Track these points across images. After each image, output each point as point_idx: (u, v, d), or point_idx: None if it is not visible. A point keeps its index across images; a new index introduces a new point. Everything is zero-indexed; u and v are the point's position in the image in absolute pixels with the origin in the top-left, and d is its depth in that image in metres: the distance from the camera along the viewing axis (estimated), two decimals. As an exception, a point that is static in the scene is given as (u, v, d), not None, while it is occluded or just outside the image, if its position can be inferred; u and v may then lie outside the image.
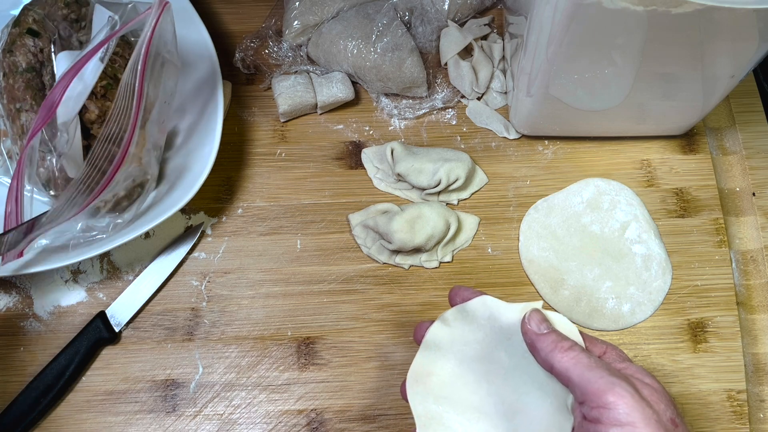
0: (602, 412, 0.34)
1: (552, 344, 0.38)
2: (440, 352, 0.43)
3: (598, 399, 0.34)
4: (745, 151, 0.63)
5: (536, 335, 0.39)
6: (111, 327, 0.56)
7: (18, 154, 0.54)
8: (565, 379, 0.37)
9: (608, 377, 0.35)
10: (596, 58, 0.49)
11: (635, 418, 0.34)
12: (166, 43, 0.51)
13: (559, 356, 0.37)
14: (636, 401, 0.34)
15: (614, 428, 0.34)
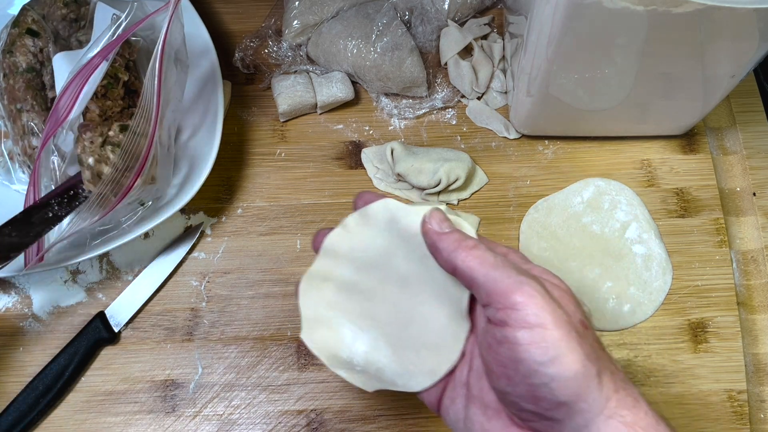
0: (509, 314, 0.31)
1: (455, 243, 0.34)
2: (338, 259, 0.41)
3: (505, 300, 0.31)
4: (746, 150, 0.62)
5: (438, 234, 0.35)
6: (110, 327, 0.56)
7: (19, 155, 0.54)
8: (468, 280, 0.33)
9: (516, 276, 0.32)
10: (596, 58, 0.49)
11: (545, 319, 0.31)
12: (176, 42, 0.51)
13: (462, 255, 0.33)
14: (546, 302, 0.31)
15: (522, 331, 0.31)
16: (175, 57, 0.52)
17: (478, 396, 0.36)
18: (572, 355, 0.30)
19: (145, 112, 0.49)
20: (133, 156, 0.50)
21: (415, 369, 0.39)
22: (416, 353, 0.39)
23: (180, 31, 0.51)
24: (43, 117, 0.52)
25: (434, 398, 0.38)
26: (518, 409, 0.33)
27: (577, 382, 0.30)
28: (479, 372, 0.36)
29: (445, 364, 0.38)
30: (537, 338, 0.30)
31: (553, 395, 0.30)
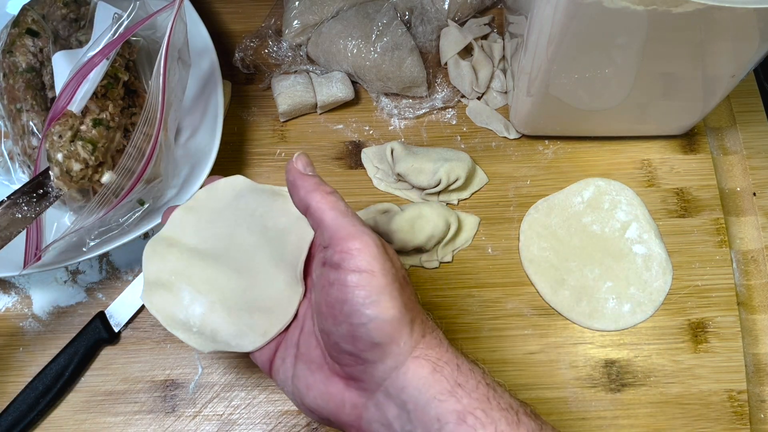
0: (345, 257, 0.34)
1: (315, 185, 0.37)
2: (184, 228, 0.44)
3: (344, 244, 0.35)
4: (746, 150, 0.62)
5: (300, 174, 0.38)
6: (110, 327, 0.56)
7: (19, 155, 0.54)
8: (317, 220, 0.37)
9: (359, 226, 0.36)
10: (596, 58, 0.49)
11: (374, 267, 0.34)
12: (179, 41, 0.51)
13: (318, 197, 0.37)
14: (379, 252, 0.35)
15: (353, 274, 0.34)
16: (178, 56, 0.52)
17: (306, 353, 0.39)
18: (392, 301, 0.34)
19: (149, 114, 0.49)
20: (137, 157, 0.50)
21: (248, 330, 0.41)
22: (250, 315, 0.41)
23: (183, 31, 0.51)
24: (43, 117, 0.52)
25: (266, 358, 0.41)
26: (338, 351, 0.36)
27: (392, 326, 0.34)
28: (309, 332, 0.40)
29: (276, 325, 0.41)
30: (364, 282, 0.34)
31: (370, 336, 0.34)
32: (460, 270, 0.59)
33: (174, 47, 0.50)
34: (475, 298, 0.58)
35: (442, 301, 0.58)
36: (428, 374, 0.34)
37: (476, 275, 0.59)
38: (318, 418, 0.39)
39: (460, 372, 0.35)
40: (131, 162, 0.50)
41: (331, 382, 0.37)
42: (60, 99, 0.48)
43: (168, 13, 0.49)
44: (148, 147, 0.50)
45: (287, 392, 0.40)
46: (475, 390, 0.35)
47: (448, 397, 0.34)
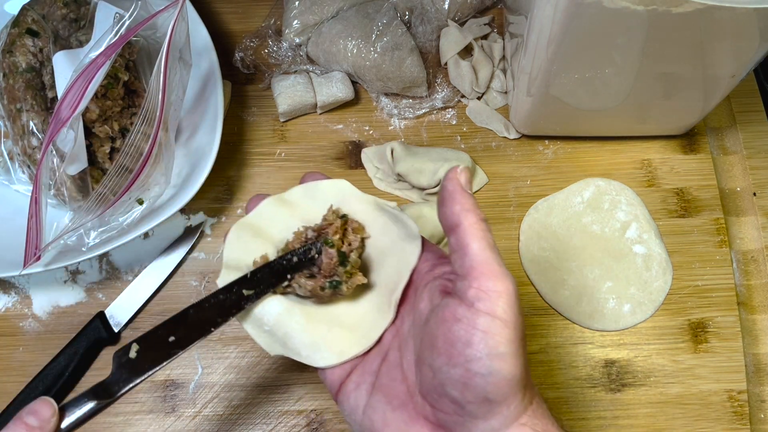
0: (481, 297, 0.31)
1: (472, 206, 0.34)
2: (274, 220, 0.41)
3: (485, 282, 0.31)
4: (746, 150, 0.62)
5: (461, 188, 0.35)
6: (110, 327, 0.56)
7: (19, 155, 0.54)
8: (462, 245, 0.33)
9: (503, 267, 0.33)
10: (596, 58, 0.49)
11: (510, 317, 0.31)
12: (181, 41, 0.51)
13: (473, 219, 0.33)
14: (517, 302, 0.32)
15: (486, 317, 0.31)
16: (180, 56, 0.52)
17: (387, 386, 0.36)
18: (517, 359, 0.31)
19: (148, 113, 0.49)
20: (135, 156, 0.50)
21: (323, 344, 0.38)
22: (329, 329, 0.38)
23: (184, 30, 0.51)
24: (43, 117, 0.52)
25: (337, 379, 0.38)
26: (439, 394, 0.33)
27: (510, 385, 0.31)
28: (394, 364, 0.36)
29: (355, 348, 0.38)
30: (495, 330, 0.31)
31: (485, 389, 0.31)
32: (460, 270, 0.59)
33: (175, 47, 0.50)
34: (475, 298, 0.58)
35: (442, 301, 0.58)
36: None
37: (476, 275, 0.59)
38: None
39: None
40: (128, 160, 0.50)
41: (414, 424, 0.34)
42: (64, 101, 0.48)
43: (169, 13, 0.49)
44: (146, 146, 0.50)
45: (353, 421, 0.37)
46: None
47: None
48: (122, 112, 0.55)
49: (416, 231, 0.38)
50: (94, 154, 0.54)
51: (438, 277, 0.36)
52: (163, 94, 0.49)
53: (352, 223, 0.39)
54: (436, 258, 0.38)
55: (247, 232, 0.40)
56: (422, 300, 0.36)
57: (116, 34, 0.49)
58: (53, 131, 0.48)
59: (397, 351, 0.37)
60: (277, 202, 0.41)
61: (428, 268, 0.37)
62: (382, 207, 0.40)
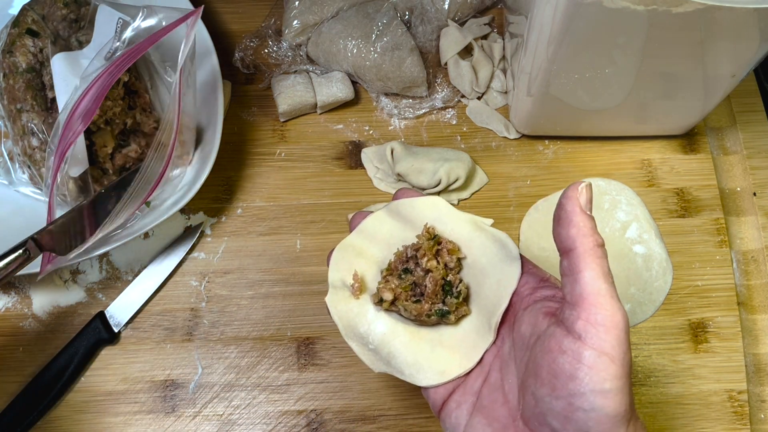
0: (589, 330, 0.30)
1: (591, 230, 0.32)
2: (375, 239, 0.41)
3: (595, 314, 0.30)
4: (746, 150, 0.62)
5: (581, 209, 0.33)
6: (110, 327, 0.56)
7: (19, 155, 0.54)
8: (574, 270, 0.32)
9: (616, 299, 0.31)
10: (597, 58, 0.49)
11: (618, 353, 0.30)
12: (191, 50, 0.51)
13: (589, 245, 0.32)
14: (626, 338, 0.31)
15: (592, 352, 0.30)
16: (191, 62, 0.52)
17: (488, 407, 0.36)
18: (622, 396, 0.30)
19: (166, 125, 0.50)
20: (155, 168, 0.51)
21: (426, 364, 0.38)
22: (431, 349, 0.39)
23: (193, 39, 0.51)
24: (43, 117, 0.52)
25: (440, 398, 0.38)
26: (540, 422, 0.32)
27: (613, 423, 0.30)
28: (495, 386, 0.36)
29: (457, 369, 0.38)
30: (602, 366, 0.30)
31: (586, 425, 0.30)
32: (460, 270, 0.59)
33: (189, 56, 0.50)
34: (475, 298, 0.58)
35: (442, 301, 0.58)
36: None
37: (476, 275, 0.59)
38: None
39: None
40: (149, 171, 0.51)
41: None
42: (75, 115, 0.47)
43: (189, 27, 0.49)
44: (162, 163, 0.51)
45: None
46: None
47: None
48: (123, 113, 0.55)
49: (516, 252, 0.38)
50: (95, 154, 0.54)
51: (540, 300, 0.36)
52: (178, 108, 0.50)
53: (447, 243, 0.40)
54: (537, 281, 0.37)
55: (350, 252, 0.41)
56: (523, 323, 0.36)
57: (121, 39, 0.49)
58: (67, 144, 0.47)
59: (498, 372, 0.37)
60: (377, 222, 0.42)
61: (529, 291, 0.37)
62: (480, 226, 0.40)
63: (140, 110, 0.57)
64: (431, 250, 0.39)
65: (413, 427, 0.54)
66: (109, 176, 0.55)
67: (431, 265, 0.39)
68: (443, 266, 0.39)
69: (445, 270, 0.39)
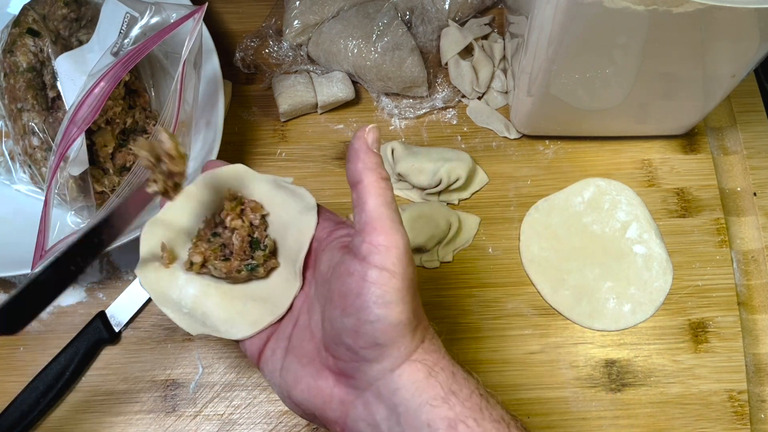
0: (371, 251, 0.34)
1: (375, 164, 0.36)
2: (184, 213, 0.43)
3: (376, 237, 0.34)
4: (746, 150, 0.62)
5: (367, 147, 0.36)
6: (111, 327, 0.56)
7: (20, 154, 0.54)
8: (360, 201, 0.35)
9: (396, 223, 0.35)
10: (597, 58, 0.49)
11: (398, 269, 0.33)
12: (195, 47, 0.51)
13: (373, 177, 0.35)
14: (406, 255, 0.34)
15: (375, 270, 0.33)
16: (194, 61, 0.52)
17: (297, 346, 0.38)
18: (403, 305, 0.34)
19: (165, 121, 0.50)
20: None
21: (239, 318, 0.40)
22: (243, 304, 0.41)
23: (199, 37, 0.51)
24: (44, 117, 0.52)
25: (256, 349, 0.40)
26: (337, 343, 0.35)
27: (398, 329, 0.34)
28: (303, 326, 0.39)
29: (268, 317, 0.40)
30: (383, 281, 0.33)
31: (374, 335, 0.33)
32: (460, 270, 0.59)
33: (191, 54, 0.50)
34: (475, 298, 0.58)
35: (442, 301, 0.58)
36: (423, 379, 0.34)
37: (477, 275, 0.59)
38: (303, 412, 0.38)
39: (455, 380, 0.35)
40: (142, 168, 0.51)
41: (320, 376, 0.37)
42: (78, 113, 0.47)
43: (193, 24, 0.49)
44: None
45: (274, 385, 0.40)
46: (469, 399, 0.34)
47: (440, 404, 0.34)
48: (123, 112, 0.55)
49: (313, 203, 0.41)
50: (96, 153, 0.54)
51: (336, 239, 0.39)
52: (179, 103, 0.50)
53: (249, 203, 0.42)
54: (333, 224, 0.41)
55: (158, 226, 0.42)
56: (322, 262, 0.39)
57: (128, 36, 0.49)
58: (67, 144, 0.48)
59: (306, 314, 0.39)
60: (184, 196, 0.43)
61: (326, 234, 0.40)
62: (280, 184, 0.43)
63: (140, 110, 0.57)
64: (235, 210, 0.42)
65: (414, 426, 0.54)
66: (110, 175, 0.55)
67: (236, 224, 0.41)
68: (248, 224, 0.41)
69: (250, 227, 0.41)
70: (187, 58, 0.50)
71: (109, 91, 0.47)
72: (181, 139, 0.54)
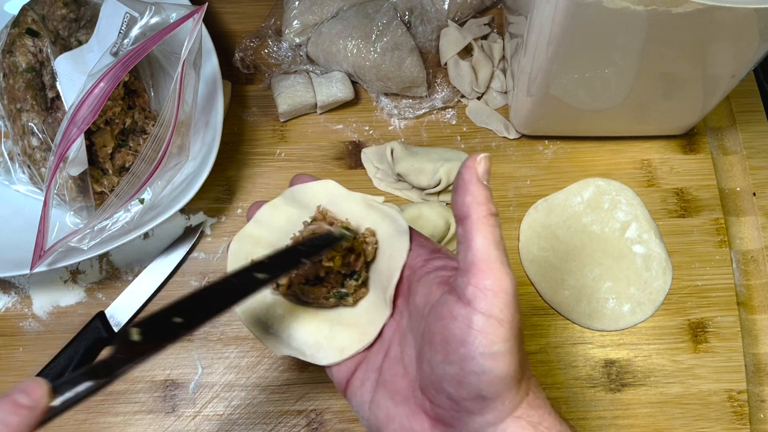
0: (478, 295, 0.31)
1: (486, 198, 0.33)
2: (271, 227, 0.41)
3: (483, 279, 0.31)
4: (746, 150, 0.62)
5: (477, 179, 0.34)
6: (110, 327, 0.56)
7: (19, 155, 0.54)
8: (467, 238, 0.33)
9: (506, 266, 0.32)
10: (596, 58, 0.49)
11: (506, 316, 0.31)
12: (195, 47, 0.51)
13: (482, 213, 0.33)
14: (515, 301, 0.31)
15: (481, 317, 0.30)
16: (193, 61, 0.52)
17: (390, 381, 0.36)
18: (510, 357, 0.31)
19: (164, 120, 0.50)
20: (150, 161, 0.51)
21: (326, 343, 0.39)
22: (330, 328, 0.39)
23: (198, 37, 0.51)
24: (43, 117, 0.52)
25: (343, 377, 0.39)
26: (437, 390, 0.33)
27: (504, 382, 0.31)
28: (395, 359, 0.37)
29: (356, 344, 0.38)
30: (490, 329, 0.31)
31: (479, 387, 0.31)
32: (460, 270, 0.59)
33: (191, 54, 0.50)
34: (475, 298, 0.58)
35: (442, 301, 0.58)
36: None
37: (476, 275, 0.58)
38: None
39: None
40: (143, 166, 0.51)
41: (415, 419, 0.34)
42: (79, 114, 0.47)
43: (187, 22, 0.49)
44: (158, 154, 0.51)
45: (362, 418, 0.37)
46: None
47: None
48: (122, 113, 0.55)
49: (405, 226, 0.39)
50: (95, 154, 0.54)
51: (432, 270, 0.36)
52: (178, 103, 0.50)
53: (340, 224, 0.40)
54: (428, 252, 0.38)
55: (247, 242, 0.41)
56: (418, 294, 0.36)
57: (128, 36, 0.49)
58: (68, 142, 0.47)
59: (398, 346, 0.37)
60: (272, 208, 0.42)
61: (421, 263, 0.37)
62: (371, 204, 0.41)
63: (139, 110, 0.57)
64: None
65: (413, 427, 0.54)
66: (109, 176, 0.55)
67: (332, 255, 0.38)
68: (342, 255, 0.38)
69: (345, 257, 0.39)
70: (186, 58, 0.50)
71: (109, 91, 0.47)
72: (180, 139, 0.54)
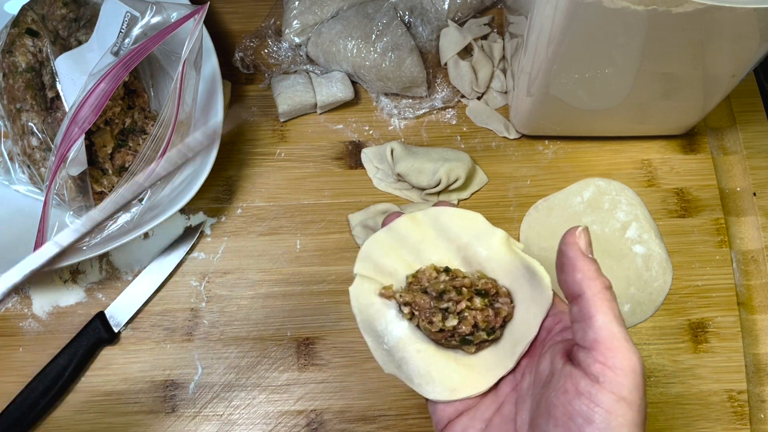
0: (606, 374, 0.30)
1: (596, 273, 0.32)
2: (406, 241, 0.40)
3: (612, 358, 0.30)
4: (746, 150, 0.62)
5: (582, 254, 0.33)
6: (110, 327, 0.56)
7: (19, 155, 0.54)
8: (586, 315, 0.31)
9: (631, 342, 0.31)
10: (596, 58, 0.49)
11: (636, 399, 0.29)
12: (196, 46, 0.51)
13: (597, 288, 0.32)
14: (643, 382, 0.30)
15: (609, 395, 0.29)
16: (194, 61, 0.52)
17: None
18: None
19: (164, 120, 0.50)
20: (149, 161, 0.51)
21: (437, 377, 0.37)
22: (446, 364, 0.38)
23: (199, 37, 0.51)
24: (43, 117, 0.52)
25: (446, 416, 0.37)
26: None
27: None
28: (507, 418, 0.35)
29: (469, 389, 0.37)
30: (619, 411, 0.29)
31: None
32: (460, 270, 0.59)
33: (192, 54, 0.50)
34: (475, 298, 0.58)
35: (442, 301, 0.58)
36: None
37: (476, 275, 0.59)
38: None
39: None
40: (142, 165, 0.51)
41: None
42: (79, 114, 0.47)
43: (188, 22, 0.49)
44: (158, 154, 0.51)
45: None
46: None
47: None
48: (122, 113, 0.55)
49: (547, 281, 0.37)
50: (95, 154, 0.54)
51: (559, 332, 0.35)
52: (178, 103, 0.50)
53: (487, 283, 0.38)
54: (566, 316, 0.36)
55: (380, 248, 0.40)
56: (544, 360, 0.35)
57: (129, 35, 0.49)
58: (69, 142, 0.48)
59: (513, 405, 0.36)
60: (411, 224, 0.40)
61: (559, 328, 0.36)
62: (513, 249, 0.39)
63: (139, 110, 0.57)
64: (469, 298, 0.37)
65: (413, 427, 0.54)
66: (109, 176, 0.55)
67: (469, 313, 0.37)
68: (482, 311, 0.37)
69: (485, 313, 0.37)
70: (186, 58, 0.50)
71: (110, 91, 0.47)
72: (180, 139, 0.54)
